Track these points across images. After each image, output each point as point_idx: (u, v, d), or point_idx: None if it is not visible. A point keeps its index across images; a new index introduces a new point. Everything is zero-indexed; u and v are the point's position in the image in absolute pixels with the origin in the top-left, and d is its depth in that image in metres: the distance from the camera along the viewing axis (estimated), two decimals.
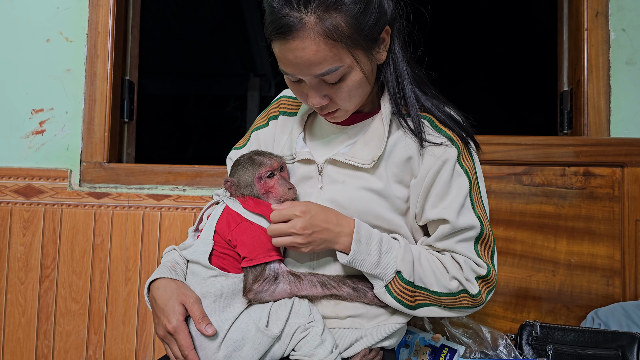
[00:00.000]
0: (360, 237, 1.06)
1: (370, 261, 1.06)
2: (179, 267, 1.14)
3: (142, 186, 1.84)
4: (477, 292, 1.10)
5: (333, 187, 1.12)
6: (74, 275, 1.81)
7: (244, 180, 1.13)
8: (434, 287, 1.09)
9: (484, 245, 1.12)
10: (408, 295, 1.08)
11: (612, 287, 1.68)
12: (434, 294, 1.09)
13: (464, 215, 1.09)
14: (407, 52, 1.13)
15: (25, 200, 1.83)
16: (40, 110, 1.88)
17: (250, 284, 1.06)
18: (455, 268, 1.10)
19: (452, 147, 1.10)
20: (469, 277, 1.10)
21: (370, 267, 1.07)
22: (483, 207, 1.13)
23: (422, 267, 1.09)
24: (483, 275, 1.10)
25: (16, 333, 1.81)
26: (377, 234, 1.09)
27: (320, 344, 1.05)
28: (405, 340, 1.53)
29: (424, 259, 1.10)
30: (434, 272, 1.09)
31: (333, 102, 1.07)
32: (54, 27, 1.89)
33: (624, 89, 1.77)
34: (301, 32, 0.95)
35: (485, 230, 1.11)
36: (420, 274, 1.09)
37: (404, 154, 1.11)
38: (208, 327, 1.01)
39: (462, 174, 1.10)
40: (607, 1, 1.78)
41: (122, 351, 1.79)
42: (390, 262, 1.07)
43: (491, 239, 1.14)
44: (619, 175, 1.70)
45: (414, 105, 1.11)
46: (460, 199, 1.09)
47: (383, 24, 1.04)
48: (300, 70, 1.00)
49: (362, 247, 1.06)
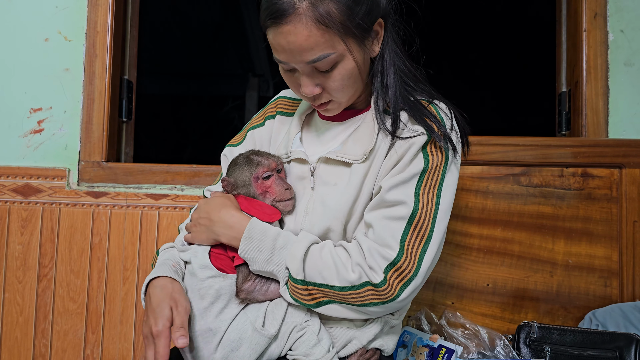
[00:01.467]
0: (253, 234, 1.05)
1: (261, 258, 1.04)
2: (179, 267, 1.14)
3: (140, 185, 1.84)
4: (380, 282, 1.00)
5: (324, 188, 1.12)
6: (72, 275, 1.81)
7: (241, 179, 1.14)
8: (334, 282, 1.02)
9: (416, 232, 1.02)
10: (301, 293, 1.04)
11: (610, 288, 1.68)
12: (335, 289, 1.02)
13: (399, 189, 1.03)
14: (402, 49, 1.14)
15: (23, 199, 1.83)
16: (39, 110, 1.88)
17: (241, 284, 1.06)
18: (358, 254, 1.02)
19: (424, 135, 1.06)
20: (372, 265, 1.01)
21: (262, 264, 1.04)
22: (434, 198, 1.04)
23: (322, 260, 1.03)
24: (392, 261, 1.00)
25: (14, 332, 1.81)
26: (275, 231, 1.06)
27: (317, 343, 1.05)
28: (403, 341, 1.53)
29: (326, 251, 1.05)
30: (335, 264, 1.03)
31: (326, 92, 1.07)
32: (53, 27, 1.89)
33: (622, 90, 1.77)
34: (293, 17, 0.96)
35: (421, 216, 1.02)
36: (320, 267, 1.03)
37: (386, 149, 1.10)
38: (180, 339, 0.95)
39: (421, 158, 1.05)
40: (605, 2, 1.79)
41: (119, 350, 1.79)
42: (283, 259, 1.04)
43: (427, 229, 1.02)
44: (617, 176, 1.70)
45: (394, 101, 1.10)
46: (406, 175, 1.04)
47: (376, 15, 1.05)
48: (293, 57, 1.01)
49: (253, 244, 1.04)
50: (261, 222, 1.07)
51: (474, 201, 1.71)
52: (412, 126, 1.08)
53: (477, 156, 1.70)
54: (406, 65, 1.14)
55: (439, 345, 1.48)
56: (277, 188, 1.12)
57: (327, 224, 1.09)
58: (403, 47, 1.15)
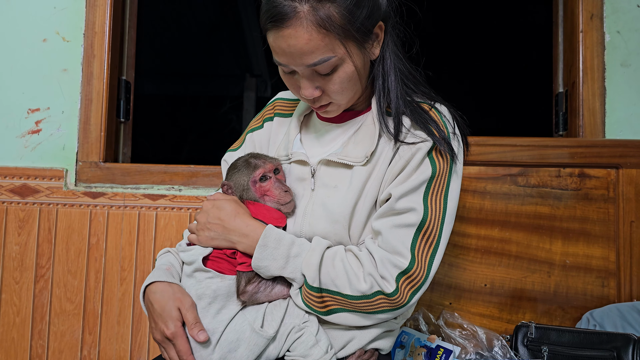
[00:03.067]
0: (268, 242, 1.05)
1: (275, 266, 1.05)
2: (174, 269, 1.14)
3: (138, 186, 1.84)
4: (393, 291, 1.01)
5: (325, 190, 1.12)
6: (69, 275, 1.80)
7: (240, 183, 1.14)
8: (347, 290, 1.03)
9: (425, 239, 1.03)
10: (315, 300, 1.05)
11: (607, 289, 1.68)
12: (347, 297, 1.03)
13: (409, 197, 1.04)
14: (401, 51, 1.14)
15: (20, 200, 1.83)
16: (37, 110, 1.88)
17: (244, 286, 1.06)
18: (370, 264, 1.03)
19: (429, 141, 1.06)
20: (384, 275, 1.02)
21: (277, 272, 1.05)
22: (442, 203, 1.05)
23: (334, 269, 1.04)
24: (404, 269, 1.01)
25: (10, 333, 1.80)
26: (290, 238, 1.07)
27: (315, 344, 1.05)
28: (401, 341, 1.53)
29: (338, 260, 1.05)
30: (347, 273, 1.03)
31: (325, 94, 1.07)
32: (51, 27, 1.89)
33: (619, 90, 1.78)
34: (294, 20, 0.96)
35: (430, 222, 1.03)
36: (333, 276, 1.04)
37: (390, 154, 1.10)
38: (200, 334, 1.01)
39: (428, 165, 1.06)
40: (602, 3, 1.79)
41: (116, 351, 1.78)
42: (298, 267, 1.05)
43: (436, 235, 1.04)
44: (614, 176, 1.70)
45: (396, 104, 1.10)
46: (415, 182, 1.04)
47: (376, 18, 1.05)
48: (293, 60, 1.01)
49: (268, 252, 1.04)
50: (276, 229, 1.07)
51: (472, 201, 1.71)
52: (415, 131, 1.08)
53: (475, 156, 1.71)
54: (406, 67, 1.14)
55: (436, 345, 1.49)
56: (276, 191, 1.12)
57: (328, 227, 1.09)
58: (403, 49, 1.15)
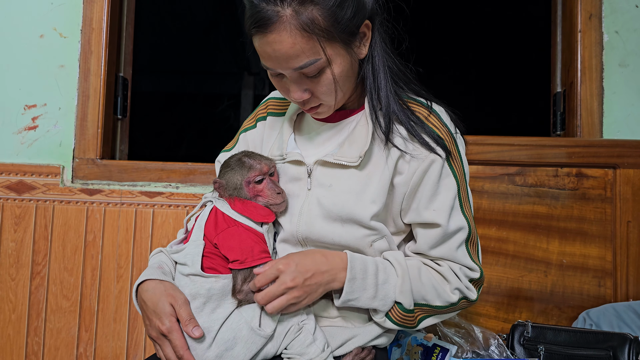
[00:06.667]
0: (355, 274, 1.04)
1: (366, 296, 1.05)
2: (167, 267, 1.14)
3: (135, 183, 1.83)
4: (476, 297, 1.12)
5: (320, 190, 1.11)
6: (65, 272, 1.80)
7: (233, 183, 1.13)
8: (436, 302, 1.10)
9: (472, 245, 1.12)
10: (409, 319, 1.08)
11: (604, 288, 1.69)
12: (437, 307, 1.10)
13: (454, 217, 1.08)
14: (391, 48, 1.13)
15: (17, 196, 1.82)
16: (33, 106, 1.87)
17: (240, 285, 1.05)
18: (454, 279, 1.10)
19: (441, 152, 1.07)
20: (468, 285, 1.10)
21: (367, 302, 1.06)
22: (469, 205, 1.13)
23: (423, 285, 1.08)
24: (478, 279, 1.11)
25: (6, 330, 1.80)
26: (372, 265, 1.07)
27: (312, 343, 1.05)
28: (397, 340, 1.53)
29: (424, 276, 1.09)
30: (435, 288, 1.09)
31: (314, 96, 1.06)
32: (48, 23, 1.88)
33: (617, 90, 1.78)
34: (277, 25, 0.95)
35: (472, 230, 1.11)
36: (423, 293, 1.08)
37: (384, 154, 1.10)
38: (195, 329, 1.00)
39: (450, 174, 1.09)
40: (600, 3, 1.79)
41: (112, 349, 1.78)
42: (389, 293, 1.06)
43: (476, 237, 1.14)
44: (611, 176, 1.70)
45: (387, 102, 1.09)
46: (449, 201, 1.08)
47: (362, 17, 1.03)
48: (279, 64, 1.01)
49: (357, 283, 1.04)
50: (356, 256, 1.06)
51: None
52: (417, 144, 1.08)
53: (472, 156, 1.71)
54: (396, 64, 1.13)
55: (433, 344, 1.49)
56: (269, 192, 1.12)
57: (325, 226, 1.09)
58: (392, 46, 1.14)
